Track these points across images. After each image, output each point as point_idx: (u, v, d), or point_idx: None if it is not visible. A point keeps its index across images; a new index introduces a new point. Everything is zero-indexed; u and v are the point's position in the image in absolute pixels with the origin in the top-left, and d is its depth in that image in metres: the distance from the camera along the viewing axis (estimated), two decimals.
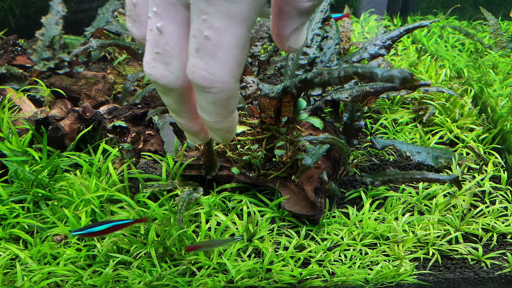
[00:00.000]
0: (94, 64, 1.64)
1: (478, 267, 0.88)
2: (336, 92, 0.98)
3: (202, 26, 0.47)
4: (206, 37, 0.47)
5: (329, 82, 0.61)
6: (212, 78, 0.48)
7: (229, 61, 0.48)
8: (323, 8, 1.07)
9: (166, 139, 1.13)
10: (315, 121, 0.94)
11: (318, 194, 0.91)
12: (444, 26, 1.94)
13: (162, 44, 0.49)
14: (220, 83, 0.49)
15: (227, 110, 0.54)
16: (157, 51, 0.50)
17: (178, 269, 0.82)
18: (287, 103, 0.84)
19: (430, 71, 1.51)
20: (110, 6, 1.59)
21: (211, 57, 0.48)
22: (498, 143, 1.20)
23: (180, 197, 0.87)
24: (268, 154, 0.93)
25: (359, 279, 0.83)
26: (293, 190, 0.93)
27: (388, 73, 0.48)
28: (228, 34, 0.47)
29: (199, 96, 0.53)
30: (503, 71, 1.51)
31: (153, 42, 0.50)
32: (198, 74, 0.48)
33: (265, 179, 0.94)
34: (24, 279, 0.78)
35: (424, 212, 0.99)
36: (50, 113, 1.13)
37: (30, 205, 0.94)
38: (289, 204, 0.92)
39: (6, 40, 1.41)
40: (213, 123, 0.55)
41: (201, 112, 0.55)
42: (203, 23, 0.46)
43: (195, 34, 0.48)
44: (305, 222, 0.93)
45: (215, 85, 0.49)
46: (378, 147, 1.07)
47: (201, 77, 0.48)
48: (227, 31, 0.47)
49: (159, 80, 0.51)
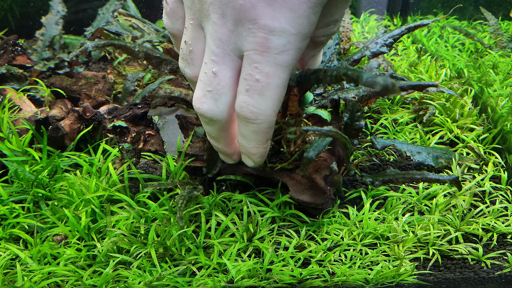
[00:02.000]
0: (94, 64, 1.64)
1: (478, 267, 0.88)
2: (343, 92, 0.98)
3: (253, 71, 0.58)
4: (257, 80, 0.58)
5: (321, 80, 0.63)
6: (258, 111, 0.60)
7: (273, 98, 0.60)
8: None
9: (166, 139, 1.14)
10: (322, 113, 0.93)
11: (327, 183, 0.90)
12: (444, 26, 1.94)
13: (214, 84, 0.61)
14: (264, 116, 0.61)
15: (265, 138, 0.67)
16: (209, 89, 0.61)
17: (178, 269, 0.82)
18: (295, 96, 0.84)
19: (430, 71, 1.51)
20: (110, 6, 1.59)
21: (259, 95, 0.59)
22: (498, 143, 1.20)
23: (180, 195, 0.87)
24: (276, 146, 0.93)
25: (359, 279, 0.83)
26: (300, 181, 0.92)
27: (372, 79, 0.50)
28: (275, 77, 0.58)
29: (243, 126, 0.65)
30: (503, 71, 1.51)
31: (206, 82, 0.61)
32: (247, 109, 0.60)
33: (271, 170, 0.94)
34: (24, 279, 0.78)
35: (424, 212, 0.99)
36: (50, 113, 1.13)
37: (30, 205, 0.94)
38: (296, 192, 0.90)
39: (6, 40, 1.41)
40: (250, 149, 0.69)
41: (241, 139, 0.69)
42: (254, 69, 0.58)
43: (246, 78, 0.59)
44: (306, 221, 0.93)
45: (260, 117, 0.61)
46: (378, 147, 1.07)
47: (249, 111, 0.60)
48: (274, 76, 0.58)
49: (206, 114, 0.64)
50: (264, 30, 0.55)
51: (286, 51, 0.57)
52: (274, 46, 0.56)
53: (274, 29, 0.54)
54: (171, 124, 1.16)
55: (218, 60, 0.60)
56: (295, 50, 0.57)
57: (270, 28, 0.54)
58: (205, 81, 0.62)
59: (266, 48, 0.56)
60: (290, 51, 0.57)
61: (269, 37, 0.55)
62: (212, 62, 0.60)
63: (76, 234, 0.88)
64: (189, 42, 0.63)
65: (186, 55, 0.64)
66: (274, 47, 0.56)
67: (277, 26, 0.54)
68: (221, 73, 0.61)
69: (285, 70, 0.59)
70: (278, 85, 0.60)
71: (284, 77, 0.59)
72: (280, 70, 0.58)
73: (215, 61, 0.60)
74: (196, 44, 0.62)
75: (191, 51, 0.63)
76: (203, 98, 0.63)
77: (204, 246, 0.87)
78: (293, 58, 0.58)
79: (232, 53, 0.59)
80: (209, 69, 0.61)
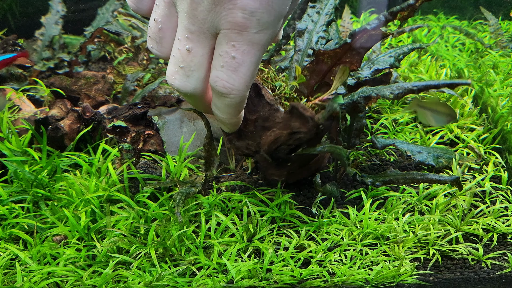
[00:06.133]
0: (94, 64, 1.64)
1: (479, 267, 0.88)
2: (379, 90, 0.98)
3: (230, 49, 0.60)
4: (233, 57, 0.60)
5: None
6: (231, 87, 0.62)
7: (247, 74, 0.62)
8: (328, 11, 1.07)
9: (166, 139, 1.13)
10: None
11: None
12: (444, 26, 1.94)
13: (188, 61, 0.63)
14: (237, 91, 0.63)
15: (237, 110, 0.69)
16: (181, 66, 0.63)
17: (178, 269, 0.82)
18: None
19: (430, 71, 1.51)
20: (110, 6, 1.58)
21: (233, 71, 0.61)
22: (498, 143, 1.20)
23: (178, 192, 0.87)
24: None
25: (359, 279, 0.83)
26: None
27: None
28: (250, 55, 0.60)
29: (217, 99, 0.67)
30: (503, 71, 1.51)
31: (179, 58, 0.63)
32: (221, 83, 0.62)
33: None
34: (24, 279, 0.78)
35: (425, 212, 0.98)
36: (49, 113, 1.13)
37: (30, 205, 0.94)
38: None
39: (6, 40, 1.41)
40: (224, 119, 0.71)
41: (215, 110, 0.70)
42: (232, 47, 0.59)
43: (222, 54, 0.61)
44: (306, 221, 0.93)
45: (233, 92, 0.63)
46: (378, 146, 1.06)
47: (223, 86, 0.62)
48: (250, 53, 0.60)
49: (180, 89, 0.66)
50: (244, 11, 0.56)
51: (264, 30, 0.58)
52: (253, 26, 0.57)
53: (255, 10, 0.56)
54: (171, 124, 1.16)
55: (193, 38, 0.61)
56: (273, 30, 0.59)
57: (251, 9, 0.56)
58: (178, 58, 0.63)
59: (245, 27, 0.57)
60: (268, 30, 0.59)
61: (250, 17, 0.56)
62: (187, 39, 0.61)
63: (76, 234, 0.87)
64: (159, 19, 0.63)
65: (155, 33, 0.64)
66: (253, 27, 0.57)
67: (258, 7, 0.56)
68: (195, 50, 0.62)
69: (261, 49, 0.60)
70: (252, 62, 0.61)
71: (259, 55, 0.61)
72: (256, 48, 0.60)
73: (190, 38, 0.61)
74: (167, 22, 0.63)
75: (161, 29, 0.63)
76: (175, 74, 0.64)
77: (204, 246, 0.87)
78: (271, 37, 0.60)
79: (208, 32, 0.60)
80: (182, 46, 0.62)
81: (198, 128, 1.16)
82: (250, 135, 0.88)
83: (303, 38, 1.06)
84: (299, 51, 1.05)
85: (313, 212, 0.95)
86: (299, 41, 1.05)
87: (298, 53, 1.05)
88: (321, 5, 1.08)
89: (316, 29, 1.06)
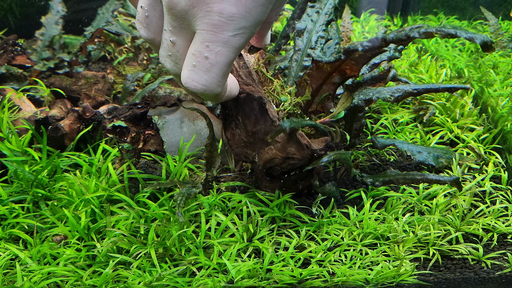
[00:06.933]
0: (94, 64, 1.64)
1: (479, 267, 0.88)
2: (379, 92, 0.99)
3: (203, 49, 0.60)
4: (205, 57, 0.61)
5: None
6: (203, 87, 0.64)
7: (219, 75, 0.63)
8: (327, 10, 1.07)
9: (166, 139, 1.13)
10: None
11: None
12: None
13: (174, 51, 0.65)
14: (209, 90, 0.65)
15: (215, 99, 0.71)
16: (169, 54, 0.66)
17: (178, 269, 0.82)
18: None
19: (430, 71, 1.51)
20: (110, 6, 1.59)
21: (205, 72, 0.62)
22: (498, 143, 1.20)
23: (178, 193, 0.87)
24: None
25: (359, 279, 0.83)
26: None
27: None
28: (224, 57, 0.61)
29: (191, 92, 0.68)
30: (503, 71, 1.51)
31: (166, 47, 0.66)
32: (192, 84, 0.64)
33: None
34: (24, 279, 0.78)
35: (425, 212, 0.98)
36: (50, 113, 1.13)
37: (30, 205, 0.94)
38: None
39: (6, 40, 1.41)
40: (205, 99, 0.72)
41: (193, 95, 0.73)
42: (205, 47, 0.60)
43: (194, 53, 0.61)
44: (306, 221, 0.93)
45: (206, 91, 0.65)
46: (378, 146, 1.06)
47: (194, 86, 0.64)
48: (223, 55, 0.61)
49: (170, 71, 0.69)
50: (222, 15, 0.57)
51: (241, 34, 0.59)
52: (230, 29, 0.58)
53: (233, 15, 0.56)
54: (171, 124, 1.16)
55: (175, 31, 0.63)
56: (249, 34, 0.60)
57: (228, 14, 0.56)
58: (165, 46, 0.66)
59: (222, 30, 0.58)
60: (244, 34, 0.59)
61: (227, 21, 0.57)
62: (170, 32, 0.63)
63: (76, 234, 0.87)
64: (145, 8, 0.65)
65: (142, 19, 0.66)
66: (230, 30, 0.58)
67: (235, 13, 0.56)
68: (178, 43, 0.64)
69: (235, 51, 0.61)
70: (225, 63, 0.62)
71: (233, 57, 0.62)
72: (230, 50, 0.61)
73: (173, 32, 0.63)
74: (152, 11, 0.65)
75: (147, 17, 0.65)
76: (166, 58, 0.67)
77: (204, 246, 0.87)
78: (246, 40, 0.61)
79: (188, 28, 0.61)
80: (168, 37, 0.64)
81: (198, 128, 1.16)
82: (249, 145, 0.89)
83: (302, 38, 1.06)
84: (298, 51, 1.05)
85: (313, 212, 0.95)
86: (299, 40, 1.05)
87: (298, 52, 1.05)
88: (320, 4, 1.08)
89: (315, 28, 1.06)
